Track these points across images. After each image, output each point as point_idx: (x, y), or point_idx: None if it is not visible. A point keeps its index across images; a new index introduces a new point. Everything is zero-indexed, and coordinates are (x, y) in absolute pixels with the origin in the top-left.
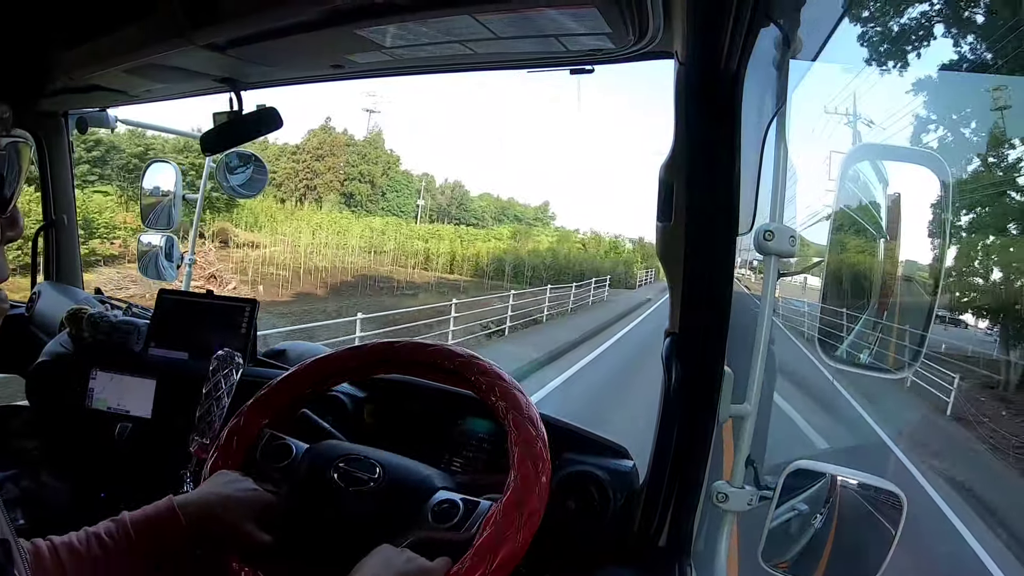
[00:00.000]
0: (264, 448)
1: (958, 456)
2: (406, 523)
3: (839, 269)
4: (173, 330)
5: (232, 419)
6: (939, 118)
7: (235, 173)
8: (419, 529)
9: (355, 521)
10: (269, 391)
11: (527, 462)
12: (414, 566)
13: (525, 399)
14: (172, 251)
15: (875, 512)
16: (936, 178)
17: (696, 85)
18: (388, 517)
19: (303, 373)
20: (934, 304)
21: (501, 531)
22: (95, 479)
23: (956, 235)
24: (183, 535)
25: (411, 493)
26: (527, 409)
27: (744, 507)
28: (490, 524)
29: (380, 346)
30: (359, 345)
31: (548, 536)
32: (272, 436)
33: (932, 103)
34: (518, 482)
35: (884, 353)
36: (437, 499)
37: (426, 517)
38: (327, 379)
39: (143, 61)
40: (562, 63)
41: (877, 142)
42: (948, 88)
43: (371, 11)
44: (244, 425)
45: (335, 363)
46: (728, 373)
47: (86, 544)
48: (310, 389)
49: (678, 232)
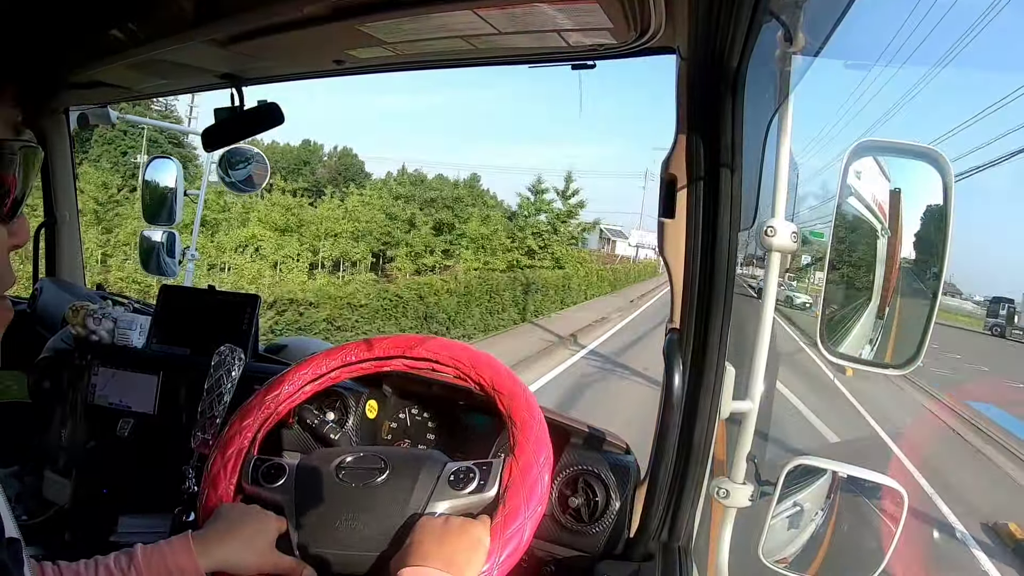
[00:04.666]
0: (253, 473)
1: None
2: (431, 498)
3: (841, 264)
4: (175, 326)
5: (215, 452)
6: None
7: (236, 169)
8: (445, 500)
9: (379, 512)
10: (239, 422)
11: (529, 454)
12: (459, 527)
13: (524, 391)
14: (174, 247)
15: (876, 508)
16: (937, 173)
17: (698, 81)
18: (410, 499)
19: (271, 394)
20: (936, 299)
21: (525, 477)
22: (97, 475)
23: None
24: (195, 575)
25: (423, 473)
26: (526, 402)
27: (745, 503)
28: (512, 475)
29: (388, 342)
30: (365, 341)
31: (550, 530)
32: (258, 460)
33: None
34: (523, 434)
35: (886, 348)
36: (450, 470)
37: (446, 487)
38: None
39: (145, 57)
40: (563, 59)
41: (879, 138)
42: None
43: (373, 6)
44: (229, 454)
45: (331, 362)
46: (729, 369)
47: (93, 573)
48: (309, 387)
49: (680, 228)
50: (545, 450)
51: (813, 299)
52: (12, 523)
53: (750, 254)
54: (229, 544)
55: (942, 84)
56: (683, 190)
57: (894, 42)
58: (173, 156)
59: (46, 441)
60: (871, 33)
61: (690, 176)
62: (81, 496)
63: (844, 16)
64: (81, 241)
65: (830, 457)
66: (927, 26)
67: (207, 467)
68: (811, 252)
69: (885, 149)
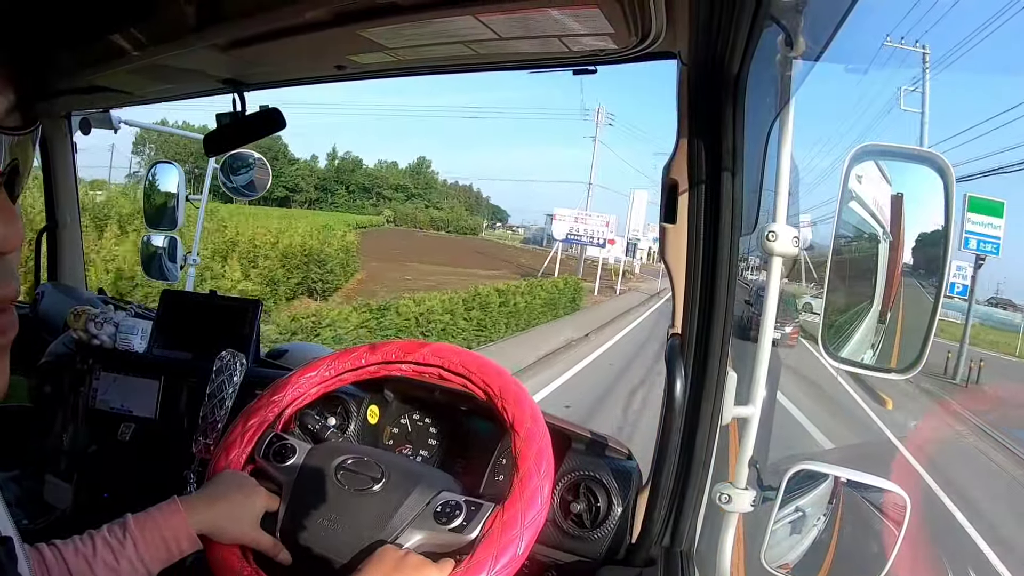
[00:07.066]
0: (267, 448)
1: None
2: (409, 525)
3: (842, 268)
4: (177, 331)
5: (238, 418)
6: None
7: (238, 174)
8: (422, 530)
9: (358, 523)
10: (268, 397)
11: (530, 464)
12: (415, 567)
13: (528, 400)
14: (175, 252)
15: (878, 513)
16: (939, 177)
17: (699, 85)
18: (391, 519)
19: (302, 379)
20: (938, 304)
21: (504, 534)
22: (98, 479)
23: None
24: (188, 538)
25: (414, 495)
26: (530, 410)
27: (747, 508)
28: (493, 526)
29: (391, 347)
30: (370, 345)
31: (551, 536)
32: (275, 436)
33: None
34: (521, 486)
35: (888, 353)
36: (440, 500)
37: (429, 518)
38: (334, 379)
39: (147, 61)
40: (565, 64)
41: (880, 142)
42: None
43: (374, 12)
44: (249, 425)
45: (343, 363)
46: (731, 374)
47: (91, 547)
48: (316, 389)
49: (681, 233)
50: (536, 508)
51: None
52: (8, 523)
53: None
54: (215, 508)
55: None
56: (684, 195)
57: (895, 44)
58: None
59: (47, 445)
60: (872, 37)
61: (691, 181)
62: (82, 500)
63: (845, 20)
64: (82, 245)
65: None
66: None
67: (226, 430)
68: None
69: (886, 153)
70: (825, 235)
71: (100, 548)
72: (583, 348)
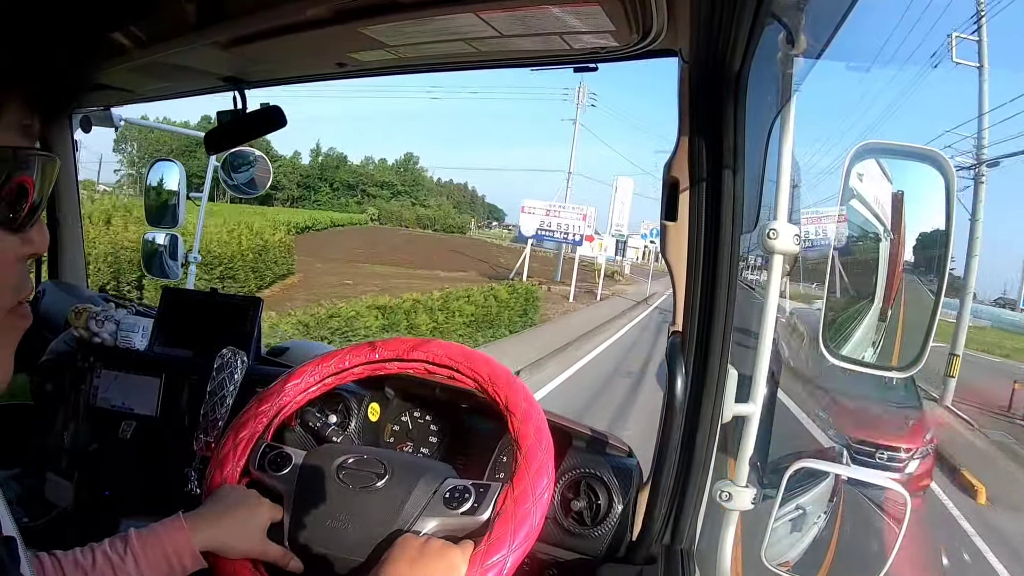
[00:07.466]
0: (261, 458)
1: None
2: (421, 514)
3: (843, 266)
4: (177, 328)
5: (228, 432)
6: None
7: (239, 171)
8: (434, 517)
9: (368, 519)
10: (255, 408)
11: (531, 441)
12: (437, 551)
13: (520, 383)
14: (176, 249)
15: (878, 511)
16: (940, 175)
17: (700, 83)
18: (401, 511)
19: (287, 387)
20: (939, 301)
21: (518, 508)
22: (99, 477)
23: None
24: (191, 555)
25: (420, 485)
26: (523, 392)
27: (748, 506)
28: (506, 503)
29: (391, 345)
30: (368, 344)
31: (552, 534)
32: (268, 446)
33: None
34: (527, 461)
35: (889, 351)
36: (447, 487)
37: (439, 504)
38: (325, 381)
39: (148, 59)
40: (566, 61)
41: (881, 140)
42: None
43: (375, 9)
44: (240, 438)
45: (337, 363)
46: (732, 372)
47: (90, 560)
48: (302, 396)
49: (682, 231)
50: (544, 481)
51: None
52: (10, 522)
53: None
54: (221, 525)
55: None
56: (685, 193)
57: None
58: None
59: (48, 443)
60: (874, 34)
61: (692, 179)
62: (83, 499)
63: (846, 18)
64: (83, 243)
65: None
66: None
67: (218, 446)
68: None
69: (887, 151)
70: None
71: (100, 562)
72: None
